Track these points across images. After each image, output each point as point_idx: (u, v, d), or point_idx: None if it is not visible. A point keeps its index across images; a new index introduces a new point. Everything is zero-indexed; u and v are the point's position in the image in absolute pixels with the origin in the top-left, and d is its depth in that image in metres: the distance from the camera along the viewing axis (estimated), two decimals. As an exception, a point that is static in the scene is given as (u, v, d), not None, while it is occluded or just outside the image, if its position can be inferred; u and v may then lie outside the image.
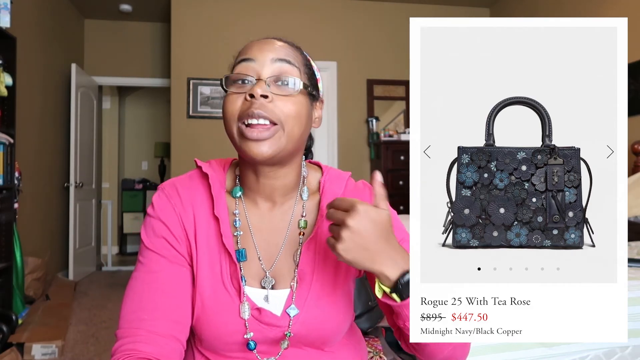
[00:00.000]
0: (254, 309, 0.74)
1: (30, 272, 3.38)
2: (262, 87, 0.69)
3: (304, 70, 0.75)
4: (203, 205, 0.77)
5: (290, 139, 0.71)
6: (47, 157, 4.15)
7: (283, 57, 0.73)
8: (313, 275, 0.76)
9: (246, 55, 0.73)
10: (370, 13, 4.77)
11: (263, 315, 0.74)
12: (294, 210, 0.80)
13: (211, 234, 0.76)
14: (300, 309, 0.74)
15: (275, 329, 0.74)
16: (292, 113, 0.71)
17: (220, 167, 0.81)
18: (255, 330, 0.74)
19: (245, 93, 0.70)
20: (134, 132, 6.62)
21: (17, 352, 2.40)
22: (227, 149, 3.42)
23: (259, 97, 0.69)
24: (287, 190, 0.79)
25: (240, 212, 0.78)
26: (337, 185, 0.81)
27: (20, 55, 3.04)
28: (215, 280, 0.75)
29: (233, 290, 0.74)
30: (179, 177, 0.81)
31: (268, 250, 0.78)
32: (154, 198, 0.79)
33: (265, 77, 0.71)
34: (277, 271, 0.77)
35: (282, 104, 0.70)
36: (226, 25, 4.50)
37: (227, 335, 0.73)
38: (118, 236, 6.27)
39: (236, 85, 0.72)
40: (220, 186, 0.78)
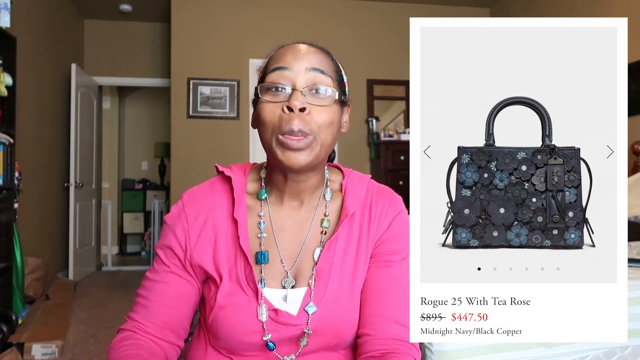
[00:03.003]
0: (270, 310, 0.75)
1: (30, 272, 3.38)
2: (299, 99, 0.71)
3: (335, 77, 0.77)
4: (223, 208, 0.80)
5: (323, 147, 0.74)
6: (47, 157, 4.15)
7: (317, 67, 0.74)
8: (331, 274, 0.77)
9: (280, 64, 0.74)
10: (370, 13, 4.77)
11: (280, 316, 0.75)
12: (317, 210, 0.82)
13: (230, 236, 0.78)
14: (318, 306, 0.76)
15: (292, 328, 0.75)
16: (327, 123, 0.73)
17: (241, 171, 0.84)
18: (272, 331, 0.75)
19: (283, 104, 0.71)
20: (134, 132, 6.62)
21: (17, 352, 2.40)
22: (227, 149, 3.41)
23: (297, 110, 0.70)
24: (312, 190, 0.81)
25: (265, 214, 0.81)
26: (359, 187, 0.82)
27: (20, 55, 3.04)
28: (233, 281, 0.77)
29: (250, 291, 0.76)
30: (201, 185, 0.84)
31: (291, 248, 0.80)
32: (172, 207, 0.82)
33: (300, 86, 0.72)
34: (298, 270, 0.79)
35: (317, 115, 0.72)
36: (226, 25, 4.50)
37: (244, 335, 0.75)
38: (118, 236, 6.27)
39: (270, 93, 0.73)
40: (242, 190, 0.81)
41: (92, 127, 4.99)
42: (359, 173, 0.86)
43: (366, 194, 0.82)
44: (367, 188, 0.83)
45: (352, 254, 0.79)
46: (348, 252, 0.79)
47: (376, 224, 0.80)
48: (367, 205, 0.82)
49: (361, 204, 0.81)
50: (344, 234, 0.79)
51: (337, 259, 0.78)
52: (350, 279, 0.78)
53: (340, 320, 0.76)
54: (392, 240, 0.80)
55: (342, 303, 0.77)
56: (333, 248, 0.78)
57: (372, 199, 0.82)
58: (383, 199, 0.83)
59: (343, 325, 0.77)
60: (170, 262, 0.79)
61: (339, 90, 0.76)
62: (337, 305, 0.76)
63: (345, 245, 0.79)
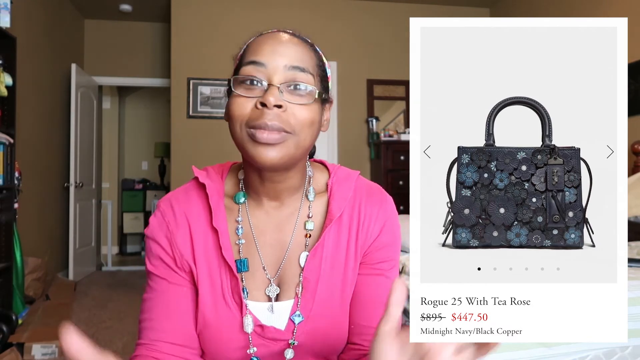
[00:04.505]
0: (256, 326, 0.71)
1: (30, 272, 3.38)
2: (275, 95, 0.64)
3: (317, 73, 0.70)
4: (200, 217, 0.74)
5: (299, 147, 0.67)
6: (47, 157, 4.15)
7: (297, 64, 0.67)
8: (319, 283, 0.73)
9: (255, 58, 0.67)
10: (370, 13, 4.77)
11: (266, 332, 0.72)
12: (300, 211, 0.76)
13: (210, 246, 0.73)
14: (306, 317, 0.72)
15: (280, 342, 0.72)
16: (306, 122, 0.67)
17: (218, 174, 0.78)
18: (258, 345, 0.71)
19: (257, 99, 0.65)
20: (134, 132, 6.62)
21: (17, 352, 2.40)
22: (227, 150, 3.39)
23: (272, 107, 0.63)
24: (292, 191, 0.75)
25: (243, 218, 0.75)
26: (345, 187, 0.76)
27: (20, 55, 3.04)
28: (216, 294, 0.72)
29: (234, 305, 0.71)
30: (175, 191, 0.78)
31: (273, 254, 0.75)
32: (150, 218, 0.76)
33: (277, 83, 0.65)
34: (282, 278, 0.74)
35: (297, 112, 0.66)
36: (226, 25, 4.50)
37: (229, 351, 0.71)
38: (118, 236, 6.27)
39: (244, 86, 0.66)
40: (219, 196, 0.74)
41: (92, 127, 5.00)
42: (346, 170, 0.80)
43: (354, 194, 0.76)
44: (355, 187, 0.77)
45: (341, 261, 0.74)
46: (337, 259, 0.74)
47: (365, 229, 0.75)
48: (355, 206, 0.76)
49: (349, 205, 0.75)
50: (331, 239, 0.74)
51: (325, 266, 0.73)
52: (339, 287, 0.74)
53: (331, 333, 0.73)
54: (383, 248, 0.76)
55: (332, 314, 0.73)
56: (320, 254, 0.73)
57: (361, 200, 0.76)
58: (373, 200, 0.76)
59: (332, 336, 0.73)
60: (164, 273, 0.73)
61: (320, 87, 0.70)
62: (327, 317, 0.72)
63: (334, 251, 0.74)
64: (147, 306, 0.73)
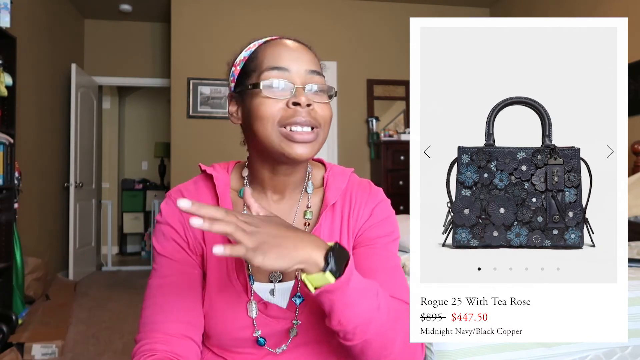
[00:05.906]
0: (260, 303, 0.76)
1: (30, 272, 3.38)
2: (305, 95, 0.73)
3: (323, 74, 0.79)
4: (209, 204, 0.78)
5: (323, 141, 0.77)
6: (47, 157, 4.15)
7: (314, 69, 0.77)
8: None
9: (278, 64, 0.75)
10: (370, 13, 4.77)
11: (269, 309, 0.76)
12: (300, 203, 0.83)
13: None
14: (306, 297, 0.76)
15: (282, 321, 0.76)
16: (328, 118, 0.76)
17: (223, 169, 0.84)
18: (263, 325, 0.76)
19: (286, 100, 0.73)
20: (134, 132, 6.62)
21: (17, 352, 2.40)
22: (228, 149, 3.40)
23: (305, 106, 0.72)
24: (296, 184, 0.82)
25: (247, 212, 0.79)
26: (340, 180, 0.84)
27: (20, 55, 3.04)
28: (222, 276, 0.77)
29: (240, 286, 0.77)
30: (185, 183, 0.84)
31: None
32: (161, 206, 0.82)
33: (302, 85, 0.74)
34: None
35: (321, 110, 0.75)
36: (226, 25, 4.50)
37: (235, 330, 0.76)
38: (118, 236, 6.27)
39: (270, 90, 0.73)
40: (225, 186, 0.81)
41: (92, 127, 4.99)
42: (341, 167, 0.88)
43: (347, 186, 0.84)
44: (348, 181, 0.85)
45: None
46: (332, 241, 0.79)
47: (356, 214, 0.81)
48: (347, 196, 0.83)
49: (342, 195, 0.83)
50: (326, 224, 0.80)
51: None
52: None
53: None
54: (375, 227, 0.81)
55: None
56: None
57: (353, 191, 0.84)
58: (363, 190, 0.84)
59: None
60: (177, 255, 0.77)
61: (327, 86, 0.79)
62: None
63: (329, 235, 0.80)
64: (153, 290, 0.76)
